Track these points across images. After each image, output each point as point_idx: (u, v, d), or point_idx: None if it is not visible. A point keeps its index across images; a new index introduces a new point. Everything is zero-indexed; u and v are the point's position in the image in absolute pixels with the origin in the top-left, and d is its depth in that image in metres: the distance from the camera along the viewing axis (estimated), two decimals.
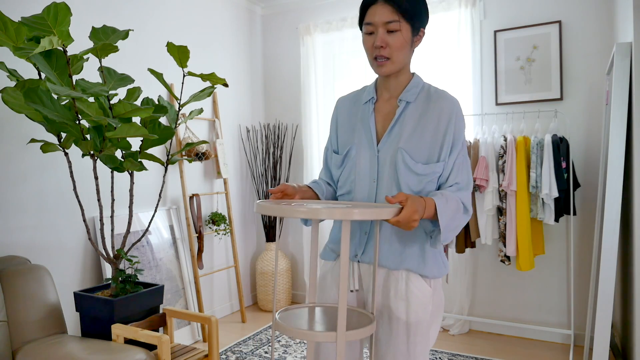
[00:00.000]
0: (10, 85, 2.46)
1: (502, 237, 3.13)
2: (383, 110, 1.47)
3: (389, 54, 1.37)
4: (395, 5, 1.34)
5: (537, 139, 3.02)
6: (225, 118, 4.01)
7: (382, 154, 1.42)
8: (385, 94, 1.48)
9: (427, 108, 1.42)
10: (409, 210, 1.23)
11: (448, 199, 1.34)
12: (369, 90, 1.51)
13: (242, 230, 4.22)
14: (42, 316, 2.17)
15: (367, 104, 1.48)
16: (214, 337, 2.28)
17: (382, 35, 1.35)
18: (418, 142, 1.39)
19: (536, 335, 3.35)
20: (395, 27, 1.35)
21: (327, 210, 1.18)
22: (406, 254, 1.42)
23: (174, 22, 3.53)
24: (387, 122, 1.45)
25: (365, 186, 1.44)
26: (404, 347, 1.42)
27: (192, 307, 3.40)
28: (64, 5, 2.00)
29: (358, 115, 1.49)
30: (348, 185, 1.47)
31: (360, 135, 1.46)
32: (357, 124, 1.48)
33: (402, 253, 1.42)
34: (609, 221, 2.44)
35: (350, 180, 1.47)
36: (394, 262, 1.42)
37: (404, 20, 1.36)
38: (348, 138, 1.49)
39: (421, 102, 1.44)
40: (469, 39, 3.43)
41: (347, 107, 1.54)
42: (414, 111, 1.42)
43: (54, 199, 2.69)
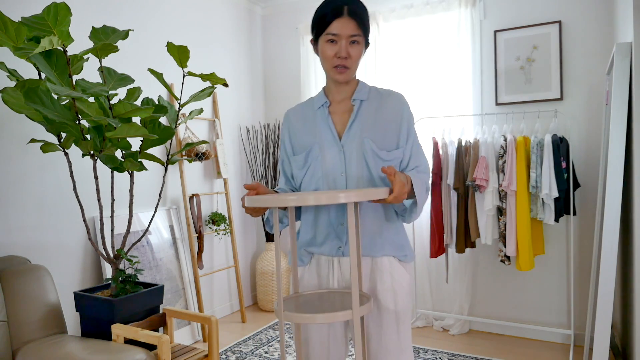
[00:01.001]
0: (10, 85, 2.46)
1: (502, 237, 3.13)
2: (338, 111, 1.58)
3: (349, 64, 1.49)
4: (358, 20, 1.46)
5: (537, 139, 3.02)
6: (225, 118, 4.01)
7: (347, 148, 1.52)
8: (337, 97, 1.59)
9: (381, 103, 1.57)
10: (400, 183, 1.33)
11: (419, 177, 1.48)
12: (319, 97, 1.61)
13: (242, 230, 4.22)
14: (42, 316, 2.17)
15: (321, 109, 1.59)
16: (214, 337, 2.28)
17: (346, 46, 1.47)
18: (379, 132, 1.53)
19: (536, 335, 3.35)
20: (358, 40, 1.48)
21: (325, 195, 1.21)
22: (384, 240, 1.53)
23: (174, 22, 3.53)
24: (344, 120, 1.56)
25: (336, 182, 1.52)
26: (395, 336, 1.51)
27: (192, 307, 3.40)
28: (64, 5, 2.00)
29: (314, 120, 1.59)
30: (314, 183, 1.55)
31: (321, 136, 1.55)
32: (314, 127, 1.58)
33: (381, 239, 1.52)
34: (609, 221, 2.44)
35: (316, 177, 1.54)
36: (376, 249, 1.52)
37: (362, 35, 1.49)
38: (307, 141, 1.57)
39: (373, 99, 1.58)
40: (469, 39, 3.43)
41: (299, 116, 1.63)
42: (369, 107, 1.56)
43: (54, 199, 2.69)
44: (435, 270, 3.62)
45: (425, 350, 3.16)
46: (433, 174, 3.30)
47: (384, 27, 3.73)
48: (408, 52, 3.67)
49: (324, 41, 1.49)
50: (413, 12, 3.63)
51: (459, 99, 3.48)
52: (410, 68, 3.67)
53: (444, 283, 3.55)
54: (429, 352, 3.13)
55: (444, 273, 3.51)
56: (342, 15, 1.44)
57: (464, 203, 3.23)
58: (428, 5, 3.57)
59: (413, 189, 1.45)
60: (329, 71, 1.52)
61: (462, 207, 3.23)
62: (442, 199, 3.30)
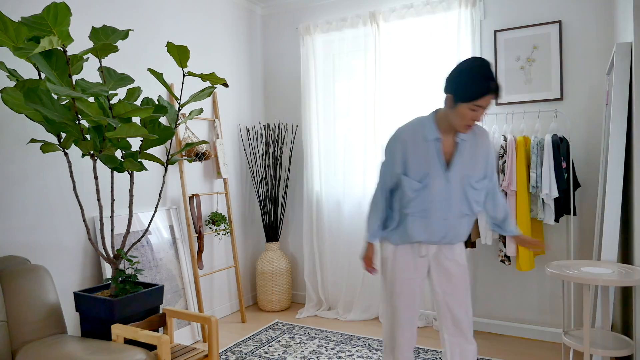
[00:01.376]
0: (10, 85, 2.46)
1: (502, 237, 3.13)
2: (446, 144, 1.96)
3: None
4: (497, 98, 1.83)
5: (537, 139, 3.02)
6: (225, 118, 4.01)
7: (451, 179, 1.94)
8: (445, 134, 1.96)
9: (475, 141, 1.98)
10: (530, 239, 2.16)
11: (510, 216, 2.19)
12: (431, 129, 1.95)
13: (242, 230, 4.22)
14: (42, 316, 2.17)
15: (434, 142, 1.94)
16: (213, 337, 2.28)
17: (481, 114, 1.83)
18: (474, 167, 1.97)
19: (536, 335, 3.35)
20: None
21: None
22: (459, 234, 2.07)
23: (174, 22, 3.53)
24: (449, 154, 1.97)
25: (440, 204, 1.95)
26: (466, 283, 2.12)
27: (192, 307, 3.40)
28: (64, 5, 2.00)
29: (427, 150, 1.94)
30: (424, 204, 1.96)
31: (432, 167, 1.93)
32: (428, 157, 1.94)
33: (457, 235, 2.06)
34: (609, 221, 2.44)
35: (427, 201, 1.95)
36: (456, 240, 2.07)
37: None
38: (422, 169, 1.94)
39: (470, 137, 1.97)
40: (469, 39, 3.43)
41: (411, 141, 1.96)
42: (468, 145, 1.97)
43: (54, 199, 2.69)
44: None
45: (425, 350, 3.16)
46: None
47: (384, 27, 3.73)
48: (408, 52, 3.67)
49: (467, 107, 1.81)
50: (413, 12, 3.63)
51: None
52: (410, 68, 3.67)
53: None
54: (429, 352, 3.13)
55: None
56: (490, 93, 1.79)
57: None
58: (428, 5, 3.57)
59: None
60: (460, 127, 1.87)
61: None
62: None
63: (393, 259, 2.07)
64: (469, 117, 1.82)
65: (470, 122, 1.84)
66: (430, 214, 1.96)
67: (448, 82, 1.87)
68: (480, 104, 1.79)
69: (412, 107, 3.64)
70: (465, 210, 1.98)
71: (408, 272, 2.05)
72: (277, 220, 4.15)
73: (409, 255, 2.05)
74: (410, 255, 2.05)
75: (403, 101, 3.70)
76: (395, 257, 2.06)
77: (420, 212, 1.97)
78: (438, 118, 1.96)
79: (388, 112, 3.75)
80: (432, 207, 1.95)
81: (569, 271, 2.31)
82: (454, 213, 1.97)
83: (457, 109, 1.84)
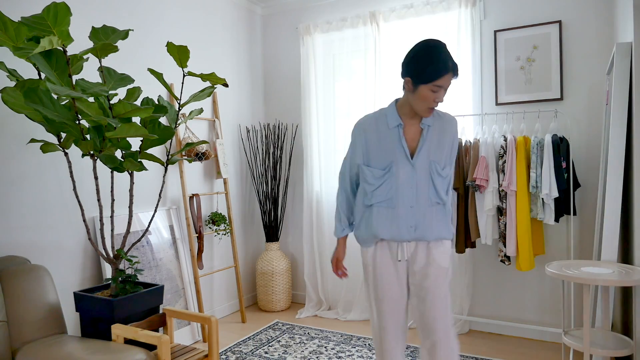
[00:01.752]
0: (10, 85, 2.46)
1: (502, 237, 3.13)
2: (409, 132, 1.92)
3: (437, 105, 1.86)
4: (455, 76, 1.82)
5: (537, 139, 3.02)
6: (225, 118, 4.01)
7: (417, 166, 1.88)
8: (408, 120, 1.92)
9: (442, 127, 1.94)
10: None
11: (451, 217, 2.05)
12: (393, 116, 1.92)
13: (242, 230, 4.22)
14: (42, 316, 2.17)
15: (396, 129, 1.90)
16: (213, 337, 2.28)
17: (442, 95, 1.81)
18: (440, 154, 1.92)
19: (536, 335, 3.35)
20: None
21: None
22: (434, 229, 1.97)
23: (174, 22, 3.53)
24: (414, 141, 1.92)
25: (407, 191, 1.89)
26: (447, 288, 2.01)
27: (192, 307, 3.40)
28: (64, 5, 2.00)
29: (389, 138, 1.90)
30: (388, 193, 1.91)
31: (396, 155, 1.89)
32: (390, 146, 1.90)
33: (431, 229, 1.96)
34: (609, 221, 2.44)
35: (392, 189, 1.90)
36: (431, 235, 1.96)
37: None
38: (385, 158, 1.90)
39: (436, 122, 1.93)
40: (469, 39, 3.43)
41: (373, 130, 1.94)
42: (433, 131, 1.92)
43: (54, 199, 2.69)
44: None
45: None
46: None
47: (384, 27, 3.73)
48: None
49: (427, 89, 1.79)
50: (413, 12, 3.63)
51: (459, 98, 3.48)
52: None
53: None
54: None
55: None
56: (449, 71, 1.77)
57: (464, 203, 3.23)
58: (428, 5, 3.57)
59: None
60: (422, 110, 1.84)
61: (462, 207, 3.23)
62: None
63: (373, 264, 2.00)
64: (431, 99, 1.80)
65: (433, 104, 1.81)
66: (396, 203, 1.89)
67: (405, 65, 1.84)
68: (440, 83, 1.77)
69: None
70: (433, 197, 1.91)
71: (388, 275, 1.97)
72: (277, 220, 4.15)
73: (388, 258, 1.98)
74: (389, 258, 1.97)
75: None
76: (374, 262, 2.00)
77: (386, 202, 1.91)
78: (399, 106, 1.93)
79: None
80: (398, 195, 1.89)
81: (569, 271, 2.31)
82: (422, 201, 1.89)
83: (418, 92, 1.81)
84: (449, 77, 1.78)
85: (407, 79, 1.84)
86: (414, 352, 3.14)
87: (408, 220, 1.89)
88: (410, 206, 1.88)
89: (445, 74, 1.76)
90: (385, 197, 1.91)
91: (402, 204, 1.89)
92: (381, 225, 1.92)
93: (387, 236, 1.92)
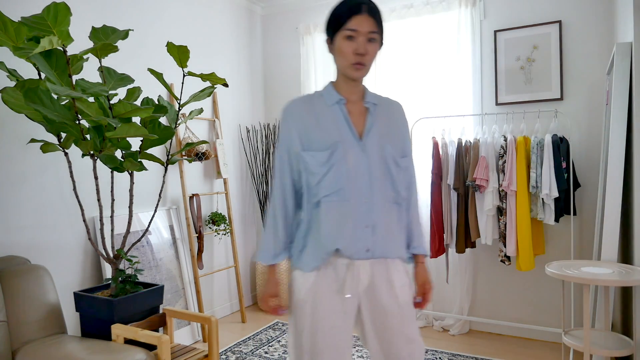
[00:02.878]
0: (10, 85, 2.46)
1: (502, 237, 3.13)
2: (354, 111, 1.56)
3: (367, 60, 1.49)
4: (377, 17, 1.49)
5: (537, 139, 3.02)
6: (225, 118, 4.01)
7: (368, 149, 1.50)
8: (350, 97, 1.57)
9: (388, 109, 1.61)
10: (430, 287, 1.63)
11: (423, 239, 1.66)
12: (330, 94, 1.56)
13: (242, 230, 4.22)
14: (42, 316, 2.17)
15: (336, 106, 1.54)
16: (214, 337, 2.28)
17: (364, 43, 1.46)
18: (393, 139, 1.56)
19: (536, 335, 3.34)
20: (375, 37, 1.49)
21: None
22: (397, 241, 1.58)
23: (174, 21, 3.53)
24: (361, 121, 1.55)
25: (359, 181, 1.49)
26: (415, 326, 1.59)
27: (192, 307, 3.40)
28: (64, 5, 2.00)
29: (330, 116, 1.53)
30: (339, 183, 1.48)
31: (341, 134, 1.50)
32: (333, 124, 1.52)
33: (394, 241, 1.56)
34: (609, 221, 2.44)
35: (343, 177, 1.48)
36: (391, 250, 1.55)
37: (378, 33, 1.50)
38: (327, 138, 1.50)
39: (383, 103, 1.60)
40: (469, 39, 3.43)
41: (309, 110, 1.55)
42: (381, 112, 1.58)
43: (54, 199, 2.69)
44: (436, 270, 3.61)
45: (425, 350, 3.16)
46: (433, 174, 3.30)
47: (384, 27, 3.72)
48: (408, 52, 3.67)
49: (342, 37, 1.47)
50: (413, 12, 3.63)
51: (459, 98, 3.48)
52: (410, 68, 3.67)
53: (444, 283, 3.55)
54: (429, 352, 3.13)
55: (444, 273, 3.51)
56: (361, 12, 1.45)
57: (464, 203, 3.23)
58: (428, 5, 3.57)
59: None
60: (347, 69, 1.50)
61: (462, 207, 3.23)
62: (442, 199, 3.30)
63: (312, 300, 1.46)
64: (350, 50, 1.46)
65: (354, 58, 1.46)
66: (348, 195, 1.47)
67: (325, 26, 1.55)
68: (354, 26, 1.45)
69: (412, 107, 3.64)
70: (390, 191, 1.52)
71: (335, 317, 1.46)
72: None
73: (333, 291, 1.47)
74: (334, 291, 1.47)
75: (403, 101, 3.68)
76: (314, 297, 1.47)
77: (336, 194, 1.47)
78: (335, 83, 1.58)
79: None
80: (350, 186, 1.47)
81: (569, 271, 2.31)
82: (378, 195, 1.49)
83: (337, 48, 1.50)
84: (364, 20, 1.45)
85: (327, 38, 1.55)
86: None
87: (364, 218, 1.47)
88: (365, 200, 1.48)
89: (356, 13, 1.45)
90: (334, 187, 1.47)
91: (355, 196, 1.47)
92: (333, 229, 1.47)
93: (340, 244, 1.45)
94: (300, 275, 1.51)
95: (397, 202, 1.55)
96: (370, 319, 1.50)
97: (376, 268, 1.50)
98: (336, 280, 1.48)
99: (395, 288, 1.51)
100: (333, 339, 1.46)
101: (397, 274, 1.52)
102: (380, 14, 1.50)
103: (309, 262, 1.49)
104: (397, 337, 1.49)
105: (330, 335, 1.46)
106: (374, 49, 1.49)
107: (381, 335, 1.50)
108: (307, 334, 1.47)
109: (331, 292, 1.47)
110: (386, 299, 1.49)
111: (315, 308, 1.46)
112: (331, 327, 1.46)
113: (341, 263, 1.48)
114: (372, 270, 1.49)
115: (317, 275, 1.48)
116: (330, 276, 1.48)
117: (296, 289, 1.51)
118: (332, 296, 1.47)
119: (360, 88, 1.58)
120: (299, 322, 1.50)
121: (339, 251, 1.46)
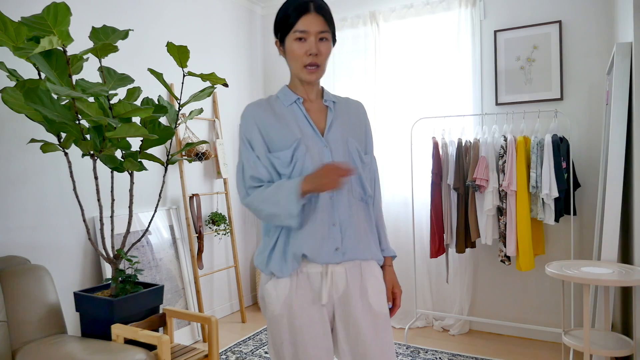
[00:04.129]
0: (10, 85, 2.46)
1: (502, 237, 3.13)
2: (313, 109, 1.52)
3: (320, 61, 1.46)
4: (326, 16, 1.44)
5: (537, 139, 3.02)
6: (225, 118, 4.01)
7: (332, 145, 1.47)
8: (307, 96, 1.54)
9: (348, 108, 1.57)
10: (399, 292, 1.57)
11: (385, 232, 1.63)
12: (287, 94, 1.53)
13: (242, 230, 4.22)
14: (42, 316, 2.17)
15: (294, 105, 1.51)
16: (213, 337, 2.28)
17: (316, 43, 1.43)
18: (355, 132, 1.53)
19: (536, 335, 3.35)
20: (326, 37, 1.45)
21: None
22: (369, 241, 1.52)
23: (174, 22, 3.53)
24: (322, 119, 1.51)
25: None
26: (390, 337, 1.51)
27: (192, 307, 3.40)
28: (64, 5, 2.00)
29: (289, 115, 1.49)
30: None
31: (303, 131, 1.46)
32: (292, 123, 1.47)
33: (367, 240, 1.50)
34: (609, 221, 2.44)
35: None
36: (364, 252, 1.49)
37: (330, 31, 1.46)
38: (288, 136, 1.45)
39: (342, 102, 1.57)
40: (469, 39, 3.43)
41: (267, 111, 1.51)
42: (341, 110, 1.55)
43: (54, 199, 2.69)
44: (436, 270, 3.62)
45: (425, 350, 3.16)
46: (433, 174, 3.30)
47: (384, 27, 3.73)
48: (408, 52, 3.67)
49: (292, 40, 1.43)
50: (413, 12, 3.63)
51: (459, 99, 3.48)
52: (410, 68, 3.67)
53: (444, 283, 3.55)
54: (429, 352, 3.13)
55: (444, 273, 3.51)
56: (309, 11, 1.41)
57: (464, 203, 3.23)
58: (428, 5, 3.57)
59: None
60: (300, 71, 1.48)
61: (462, 207, 3.23)
62: (442, 199, 3.30)
63: (288, 314, 1.41)
64: (302, 52, 1.43)
65: (308, 60, 1.43)
66: None
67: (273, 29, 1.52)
68: (303, 27, 1.40)
69: (412, 107, 3.64)
70: (357, 187, 1.48)
71: (313, 328, 1.42)
72: None
73: (309, 301, 1.43)
74: (310, 301, 1.43)
75: (403, 101, 3.70)
76: (290, 311, 1.41)
77: None
78: (291, 85, 1.58)
79: (388, 112, 3.74)
80: None
81: (569, 271, 2.31)
82: (345, 192, 1.45)
83: (288, 51, 1.47)
84: (313, 19, 1.41)
85: (277, 41, 1.51)
86: (414, 352, 3.14)
87: (331, 216, 1.43)
88: (330, 196, 1.43)
89: (304, 13, 1.40)
90: None
91: (321, 194, 1.42)
92: (301, 232, 1.41)
93: (308, 244, 1.40)
94: (272, 287, 1.44)
95: (363, 199, 1.50)
96: (344, 332, 1.45)
97: (350, 274, 1.45)
98: (311, 290, 1.43)
99: (369, 297, 1.45)
100: (314, 349, 1.41)
101: (371, 279, 1.48)
102: (328, 10, 1.46)
103: (281, 266, 1.42)
104: (371, 351, 1.43)
105: (311, 346, 1.41)
106: (326, 48, 1.46)
107: (354, 350, 1.44)
108: (287, 345, 1.43)
109: (307, 302, 1.42)
110: (359, 310, 1.44)
111: (292, 321, 1.42)
112: (311, 337, 1.41)
113: (315, 272, 1.43)
114: (347, 276, 1.44)
115: (290, 287, 1.42)
116: (305, 286, 1.43)
117: (270, 304, 1.44)
118: (309, 306, 1.42)
119: (318, 88, 1.56)
120: (277, 336, 1.44)
121: (307, 257, 1.41)
